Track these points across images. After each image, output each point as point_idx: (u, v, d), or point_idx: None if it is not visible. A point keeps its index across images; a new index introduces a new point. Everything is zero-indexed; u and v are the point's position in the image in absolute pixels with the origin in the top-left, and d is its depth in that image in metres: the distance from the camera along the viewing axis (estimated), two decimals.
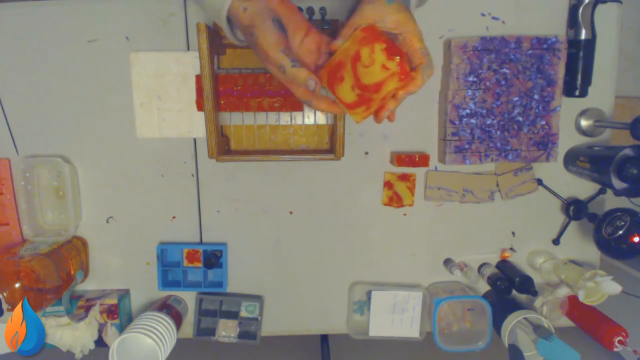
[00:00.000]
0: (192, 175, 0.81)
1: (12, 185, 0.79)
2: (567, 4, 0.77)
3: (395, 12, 0.52)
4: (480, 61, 0.75)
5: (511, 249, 0.85)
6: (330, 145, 0.80)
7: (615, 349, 0.73)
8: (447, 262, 0.85)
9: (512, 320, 0.76)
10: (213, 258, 0.80)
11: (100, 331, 0.79)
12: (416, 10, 0.61)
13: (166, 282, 0.83)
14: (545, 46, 0.75)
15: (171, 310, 0.79)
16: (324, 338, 0.96)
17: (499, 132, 0.77)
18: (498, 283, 0.79)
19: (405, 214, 0.84)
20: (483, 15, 0.77)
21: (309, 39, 0.53)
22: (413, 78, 0.51)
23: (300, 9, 0.72)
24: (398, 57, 0.49)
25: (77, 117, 0.79)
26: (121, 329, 0.80)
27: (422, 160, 0.79)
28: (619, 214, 0.70)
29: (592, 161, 0.74)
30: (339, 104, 0.54)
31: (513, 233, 0.85)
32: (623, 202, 0.77)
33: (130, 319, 0.84)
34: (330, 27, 0.72)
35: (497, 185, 0.82)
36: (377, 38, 0.50)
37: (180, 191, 0.81)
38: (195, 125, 0.79)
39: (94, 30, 0.76)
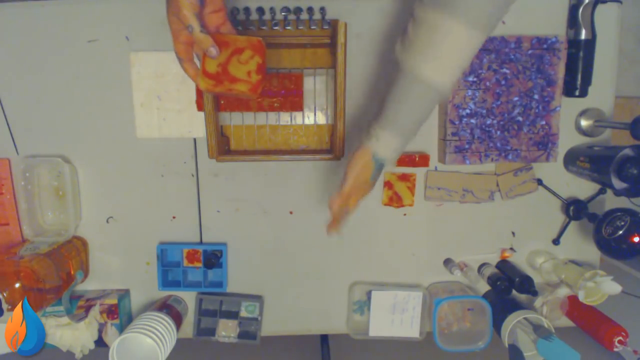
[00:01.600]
0: (192, 175, 0.81)
1: (12, 185, 0.79)
2: (567, 4, 0.77)
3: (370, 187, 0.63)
4: (480, 61, 0.75)
5: (511, 249, 0.85)
6: (330, 145, 0.80)
7: (615, 349, 0.73)
8: (447, 262, 0.85)
9: (512, 320, 0.76)
10: (213, 258, 0.80)
11: (100, 331, 0.79)
12: None
13: (166, 282, 0.83)
14: (545, 46, 0.75)
15: (171, 310, 0.79)
16: (324, 338, 0.95)
17: (499, 132, 0.77)
18: (498, 283, 0.79)
19: (405, 214, 0.84)
20: None
21: (216, 16, 0.60)
22: (258, 94, 0.61)
23: (300, 8, 0.72)
24: (261, 76, 0.60)
25: (77, 117, 0.79)
26: (121, 329, 0.80)
27: (422, 160, 0.79)
28: (619, 214, 0.70)
29: (592, 161, 0.74)
30: (199, 66, 0.60)
31: (513, 233, 0.85)
32: (623, 202, 0.77)
33: (130, 319, 0.84)
34: (330, 27, 0.72)
35: (497, 185, 0.82)
36: (263, 54, 0.60)
37: (180, 191, 0.81)
38: (195, 125, 0.79)
39: (94, 30, 0.76)
